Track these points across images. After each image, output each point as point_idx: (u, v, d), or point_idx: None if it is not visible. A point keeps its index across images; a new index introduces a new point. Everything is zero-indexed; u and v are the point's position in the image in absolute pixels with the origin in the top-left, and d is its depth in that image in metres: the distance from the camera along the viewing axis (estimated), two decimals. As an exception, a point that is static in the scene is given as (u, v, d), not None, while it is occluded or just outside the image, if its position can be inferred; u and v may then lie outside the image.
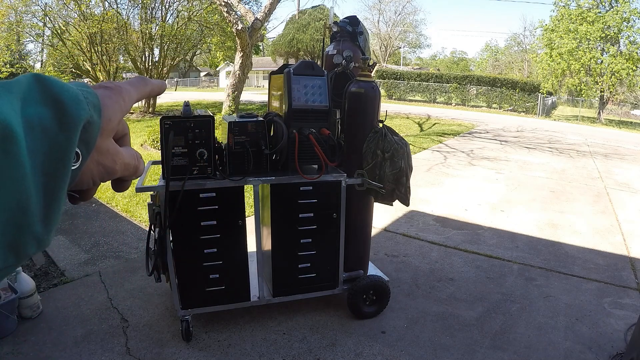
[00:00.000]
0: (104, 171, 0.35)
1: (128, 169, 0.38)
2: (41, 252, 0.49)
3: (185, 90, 35.27)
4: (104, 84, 0.36)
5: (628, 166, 8.20)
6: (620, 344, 2.41)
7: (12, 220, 0.25)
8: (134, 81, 0.40)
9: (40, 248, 0.27)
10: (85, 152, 0.31)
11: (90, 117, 0.30)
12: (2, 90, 0.26)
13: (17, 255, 0.26)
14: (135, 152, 0.39)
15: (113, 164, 0.35)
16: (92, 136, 0.31)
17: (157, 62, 15.28)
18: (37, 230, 0.27)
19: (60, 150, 0.28)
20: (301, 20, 27.24)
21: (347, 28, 2.54)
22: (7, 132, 0.24)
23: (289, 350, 2.26)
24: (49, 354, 2.17)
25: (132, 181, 0.42)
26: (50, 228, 0.28)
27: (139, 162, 0.39)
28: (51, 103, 0.28)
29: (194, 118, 1.95)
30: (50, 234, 0.28)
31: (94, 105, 0.31)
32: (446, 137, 10.81)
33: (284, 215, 2.29)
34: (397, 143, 2.32)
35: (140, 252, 3.38)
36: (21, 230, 0.26)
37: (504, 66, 44.48)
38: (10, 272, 0.26)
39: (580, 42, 20.05)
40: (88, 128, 0.30)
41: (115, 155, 0.35)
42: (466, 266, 3.36)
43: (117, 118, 0.35)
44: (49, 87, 0.29)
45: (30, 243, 0.26)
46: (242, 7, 10.32)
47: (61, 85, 0.29)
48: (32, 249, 0.27)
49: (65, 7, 13.90)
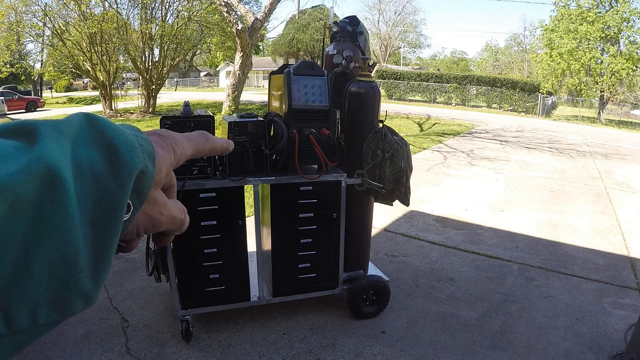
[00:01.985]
0: (149, 222, 0.32)
1: (174, 223, 0.35)
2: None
3: (185, 90, 35.29)
4: (158, 132, 0.34)
5: (628, 166, 8.21)
6: (620, 344, 2.41)
7: (57, 275, 0.23)
8: (193, 135, 0.38)
9: (88, 305, 0.25)
10: (138, 203, 0.29)
11: (145, 167, 0.28)
12: (52, 130, 0.24)
13: (62, 312, 0.24)
14: (182, 207, 0.36)
15: (160, 215, 0.33)
16: (145, 187, 0.29)
17: (157, 62, 15.29)
18: (85, 287, 0.24)
19: (112, 200, 0.26)
20: (301, 20, 27.25)
21: (347, 28, 2.54)
22: (55, 178, 0.22)
23: (289, 350, 2.26)
24: (49, 354, 2.17)
25: None
26: (99, 283, 0.26)
27: (186, 216, 0.36)
28: (104, 147, 0.26)
29: (194, 118, 1.95)
30: (99, 290, 0.26)
31: (149, 154, 0.30)
32: (446, 137, 10.81)
33: (284, 215, 2.29)
34: (397, 143, 2.32)
35: (140, 252, 3.38)
36: (67, 286, 0.24)
37: (504, 66, 44.50)
38: (51, 329, 0.24)
39: (580, 42, 20.06)
40: (142, 178, 0.28)
41: (163, 207, 0.33)
42: (466, 266, 3.36)
43: (165, 169, 0.33)
44: (102, 130, 0.27)
45: (77, 300, 0.24)
46: (242, 7, 10.32)
47: (115, 128, 0.28)
48: (78, 306, 0.24)
49: (65, 7, 13.92)
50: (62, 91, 32.54)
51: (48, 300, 0.23)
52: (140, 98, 16.13)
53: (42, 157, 0.22)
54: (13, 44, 13.85)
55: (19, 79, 25.51)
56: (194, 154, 0.37)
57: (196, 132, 0.38)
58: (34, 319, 0.22)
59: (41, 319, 0.23)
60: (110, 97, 15.07)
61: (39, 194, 0.22)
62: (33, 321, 0.22)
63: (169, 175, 0.36)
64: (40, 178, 0.22)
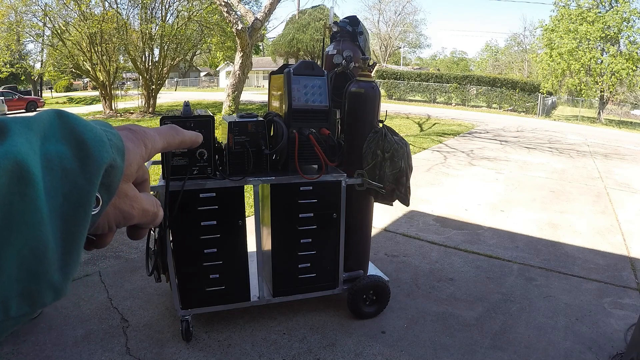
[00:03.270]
0: (120, 216, 0.33)
1: (146, 216, 0.36)
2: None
3: (185, 90, 35.29)
4: (129, 126, 0.35)
5: (628, 166, 8.20)
6: (620, 344, 2.41)
7: (27, 268, 0.23)
8: (163, 129, 0.39)
9: (57, 297, 0.26)
10: (107, 197, 0.29)
11: (113, 161, 0.29)
12: (22, 126, 0.25)
13: (32, 305, 0.24)
14: (155, 200, 0.37)
15: (131, 209, 0.34)
16: (114, 180, 0.30)
17: (157, 62, 15.28)
18: (55, 279, 0.25)
19: (80, 194, 0.26)
20: (301, 20, 27.25)
21: (347, 28, 2.54)
22: (23, 173, 0.23)
23: (289, 350, 2.26)
24: (49, 354, 2.17)
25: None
26: (69, 276, 0.26)
27: (158, 209, 0.37)
28: (73, 142, 0.27)
29: (194, 118, 1.95)
30: (68, 283, 0.26)
31: (118, 148, 0.30)
32: (446, 137, 10.81)
33: (284, 215, 2.29)
34: (397, 143, 2.32)
35: (140, 252, 3.38)
36: (37, 279, 0.24)
37: (504, 66, 44.49)
38: (23, 322, 0.25)
39: (580, 42, 20.06)
40: (110, 172, 0.29)
41: (134, 201, 0.34)
42: (466, 266, 3.36)
43: (136, 163, 0.33)
44: (72, 125, 0.27)
45: (47, 292, 0.25)
46: (242, 7, 10.33)
47: (84, 124, 0.28)
48: (48, 299, 0.25)
49: (65, 7, 13.91)
50: (62, 91, 32.54)
51: (18, 293, 0.23)
52: (140, 98, 16.13)
53: (11, 153, 0.23)
54: (13, 44, 13.85)
55: (19, 79, 25.50)
56: (165, 147, 0.38)
57: (166, 126, 0.40)
58: (6, 311, 0.23)
59: (12, 311, 0.23)
60: (110, 97, 15.06)
61: (8, 189, 0.22)
62: (4, 314, 0.23)
63: (142, 170, 0.36)
64: (8, 173, 0.22)
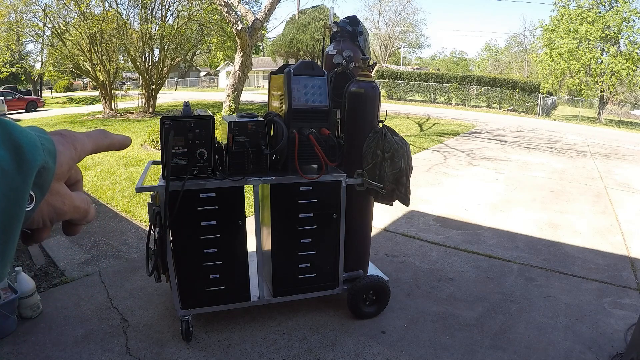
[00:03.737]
0: (53, 212, 0.36)
1: (78, 212, 0.39)
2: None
3: (185, 90, 35.28)
4: (60, 131, 0.38)
5: (628, 166, 8.20)
6: (620, 344, 2.41)
7: None
8: (92, 133, 0.42)
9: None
10: (40, 195, 0.33)
11: (46, 163, 0.32)
12: None
13: None
14: (87, 198, 0.41)
15: (62, 205, 0.37)
16: (46, 180, 0.33)
17: (157, 62, 15.28)
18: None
19: (16, 192, 0.29)
20: (301, 20, 27.24)
21: (347, 28, 2.54)
22: None
23: (289, 350, 2.26)
24: (49, 354, 2.17)
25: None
26: (5, 264, 0.29)
27: (89, 207, 0.41)
28: (11, 146, 0.29)
29: (194, 118, 1.95)
30: (5, 270, 0.30)
31: (50, 152, 0.33)
32: (446, 137, 10.81)
33: (284, 215, 2.29)
34: (397, 143, 2.32)
35: (140, 252, 3.38)
36: None
37: (504, 66, 44.47)
38: None
39: (580, 42, 20.05)
40: (43, 173, 0.32)
41: (65, 198, 0.37)
42: (466, 266, 3.36)
43: (67, 164, 0.37)
44: (10, 131, 0.30)
45: None
46: (242, 7, 10.32)
47: (20, 130, 0.31)
48: None
49: (65, 7, 13.90)
50: (62, 91, 32.52)
51: None
52: (140, 98, 16.11)
53: None
54: (13, 44, 13.83)
55: (19, 79, 25.50)
56: (94, 149, 0.41)
57: (96, 130, 0.43)
58: None
59: None
60: (110, 97, 15.05)
61: None
62: None
63: (75, 171, 0.41)
64: None
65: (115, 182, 5.41)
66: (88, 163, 6.66)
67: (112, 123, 12.36)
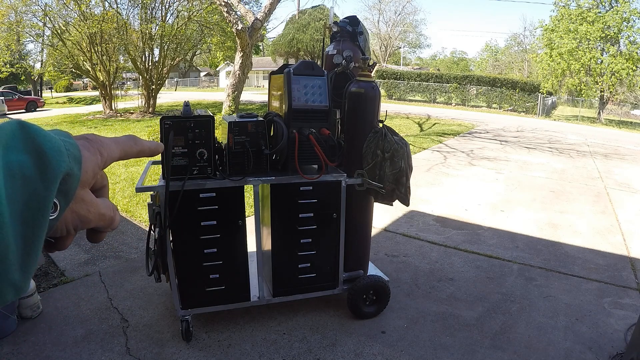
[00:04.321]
0: (78, 220, 0.35)
1: (103, 220, 0.37)
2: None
3: (185, 90, 35.28)
4: (86, 136, 0.36)
5: (628, 166, 8.20)
6: (620, 344, 2.41)
7: None
8: (120, 139, 0.40)
9: (18, 295, 0.28)
10: (64, 203, 0.31)
11: (70, 170, 0.31)
12: None
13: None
14: (112, 205, 0.39)
15: (87, 213, 0.35)
16: (71, 187, 0.32)
17: (157, 62, 15.28)
18: (15, 278, 0.27)
19: (39, 200, 0.28)
20: (301, 20, 27.24)
21: (347, 28, 2.54)
22: None
23: (289, 350, 2.26)
24: (49, 354, 2.17)
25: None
26: (28, 275, 0.28)
27: (115, 214, 0.39)
28: (33, 152, 0.28)
29: (194, 118, 1.95)
30: (28, 281, 0.28)
31: (75, 157, 0.32)
32: (446, 137, 10.81)
33: (284, 215, 2.29)
34: (397, 143, 2.32)
35: (140, 252, 3.38)
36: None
37: (504, 66, 44.47)
38: None
39: (580, 42, 20.04)
40: (67, 180, 0.31)
41: (90, 205, 0.36)
42: (466, 266, 3.36)
43: (92, 170, 0.35)
44: (32, 136, 0.29)
45: (7, 290, 0.27)
46: (242, 7, 10.32)
47: (44, 134, 0.30)
48: (9, 296, 0.27)
49: (65, 7, 13.90)
50: (62, 91, 32.52)
51: None
52: (140, 98, 16.12)
53: None
54: (13, 44, 13.83)
55: (19, 79, 25.51)
56: (122, 156, 0.39)
57: (125, 136, 0.41)
58: None
59: None
60: (110, 97, 15.05)
61: None
62: None
63: (101, 176, 0.39)
64: None
65: (116, 182, 5.41)
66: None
67: (112, 123, 12.36)
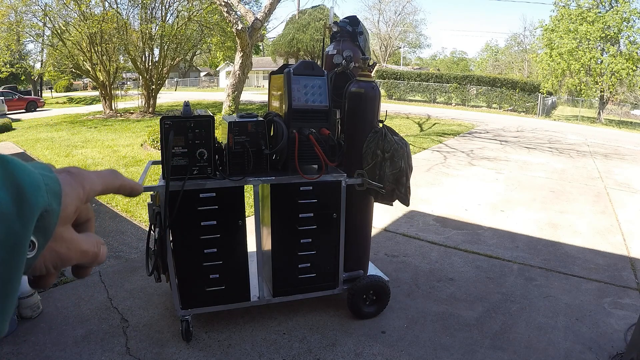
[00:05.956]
0: (57, 258, 0.33)
1: (86, 257, 0.36)
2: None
3: (185, 90, 35.29)
4: (68, 169, 0.35)
5: (628, 166, 8.20)
6: (620, 344, 2.41)
7: None
8: (103, 172, 0.39)
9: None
10: (43, 240, 0.30)
11: (49, 205, 0.30)
12: None
13: None
14: (97, 240, 0.37)
15: (67, 251, 0.34)
16: (49, 224, 0.30)
17: (157, 62, 15.27)
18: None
19: (15, 238, 0.27)
20: (301, 20, 27.23)
21: (347, 28, 2.54)
22: None
23: (289, 350, 2.26)
24: (49, 354, 2.17)
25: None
26: (6, 317, 0.27)
27: (99, 249, 0.37)
28: (12, 188, 0.27)
29: (194, 118, 1.95)
30: (6, 323, 0.27)
31: (54, 193, 0.31)
32: (446, 137, 10.81)
33: (284, 215, 2.29)
34: (397, 143, 2.32)
35: (140, 252, 3.38)
36: None
37: (504, 66, 44.46)
38: None
39: (580, 42, 20.05)
40: (46, 216, 0.29)
41: (70, 243, 0.34)
42: (466, 266, 3.36)
43: (74, 205, 0.33)
44: (12, 171, 0.28)
45: None
46: (242, 7, 10.32)
47: (24, 169, 0.29)
48: None
49: (65, 7, 13.89)
50: (62, 91, 32.53)
51: None
52: (140, 98, 16.12)
53: None
54: (13, 44, 13.82)
55: (19, 79, 25.50)
56: (103, 190, 0.38)
57: (107, 170, 0.40)
58: None
59: None
60: (110, 97, 15.05)
61: None
62: None
63: (85, 209, 0.37)
64: None
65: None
66: (88, 163, 6.66)
67: (112, 123, 12.35)
